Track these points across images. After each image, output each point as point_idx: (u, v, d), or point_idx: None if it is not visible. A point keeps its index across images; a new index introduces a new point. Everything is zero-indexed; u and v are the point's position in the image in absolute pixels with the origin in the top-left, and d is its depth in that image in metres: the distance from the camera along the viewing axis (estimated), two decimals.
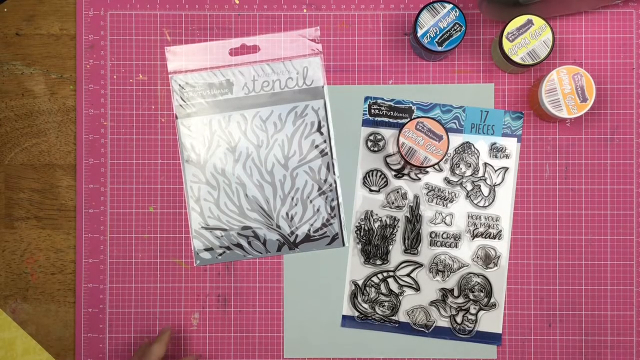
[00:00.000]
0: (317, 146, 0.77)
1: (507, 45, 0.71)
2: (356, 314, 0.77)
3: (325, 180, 0.77)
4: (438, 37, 0.71)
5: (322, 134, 0.77)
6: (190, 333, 0.77)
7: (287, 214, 0.77)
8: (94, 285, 0.77)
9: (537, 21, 0.71)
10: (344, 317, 0.77)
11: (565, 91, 0.71)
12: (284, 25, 0.77)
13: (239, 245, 0.77)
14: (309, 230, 0.77)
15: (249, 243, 0.77)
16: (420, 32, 0.71)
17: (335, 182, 0.77)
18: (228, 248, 0.77)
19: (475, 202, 0.77)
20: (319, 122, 0.77)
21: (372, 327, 0.76)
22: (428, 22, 0.71)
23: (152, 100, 0.77)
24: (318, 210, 0.77)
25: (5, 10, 0.78)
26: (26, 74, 0.78)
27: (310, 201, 0.77)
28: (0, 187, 0.78)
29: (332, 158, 0.77)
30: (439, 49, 0.71)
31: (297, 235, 0.77)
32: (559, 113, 0.71)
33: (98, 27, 0.77)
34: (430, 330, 0.77)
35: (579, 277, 0.77)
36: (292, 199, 0.77)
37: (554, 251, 0.77)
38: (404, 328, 0.76)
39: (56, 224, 0.78)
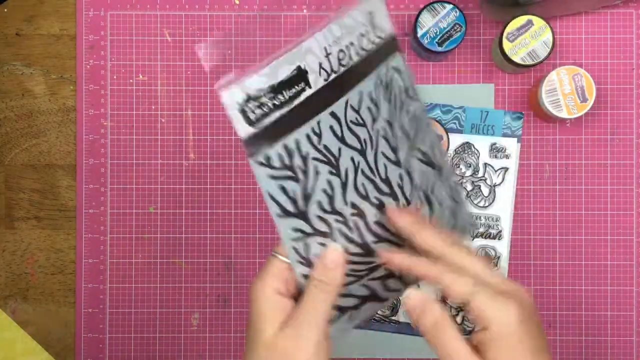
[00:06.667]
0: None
1: (507, 45, 0.71)
2: None
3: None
4: (438, 37, 0.71)
5: (412, 98, 0.54)
6: (190, 333, 0.77)
7: None
8: (94, 286, 0.77)
9: (537, 21, 0.71)
10: None
11: (565, 91, 0.71)
12: (284, 25, 0.77)
13: (373, 296, 0.54)
14: None
15: (384, 285, 0.55)
16: (420, 33, 0.71)
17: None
18: (356, 307, 0.54)
19: (475, 202, 0.77)
20: (407, 85, 0.54)
21: (372, 327, 0.76)
22: (428, 23, 0.71)
23: (152, 100, 0.77)
24: (441, 205, 0.55)
25: (5, 10, 0.78)
26: (26, 74, 0.78)
27: (433, 192, 0.55)
28: (1, 187, 0.78)
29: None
30: (439, 49, 0.71)
31: None
32: (559, 113, 0.71)
33: (98, 28, 0.77)
34: None
35: (579, 278, 0.77)
36: (416, 202, 0.55)
37: (554, 251, 0.77)
38: (404, 328, 0.76)
39: (56, 224, 0.78)
